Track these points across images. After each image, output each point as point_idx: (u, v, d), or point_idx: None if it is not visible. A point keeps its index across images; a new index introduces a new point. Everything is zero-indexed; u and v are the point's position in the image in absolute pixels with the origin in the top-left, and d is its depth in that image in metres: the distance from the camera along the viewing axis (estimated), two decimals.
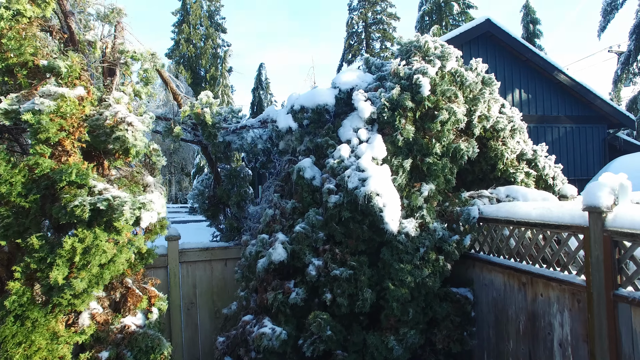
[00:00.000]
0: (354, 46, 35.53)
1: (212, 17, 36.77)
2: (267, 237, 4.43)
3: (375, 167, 4.06)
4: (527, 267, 3.78)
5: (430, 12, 27.76)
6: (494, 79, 5.24)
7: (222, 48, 37.19)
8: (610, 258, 2.98)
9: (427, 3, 28.00)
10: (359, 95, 4.37)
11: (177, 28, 35.25)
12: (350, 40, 35.76)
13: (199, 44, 35.47)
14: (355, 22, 35.25)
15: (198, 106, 4.69)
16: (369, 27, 35.39)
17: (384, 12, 34.85)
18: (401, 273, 3.93)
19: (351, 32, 35.47)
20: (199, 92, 24.25)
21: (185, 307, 4.83)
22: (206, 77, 35.13)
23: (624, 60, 15.70)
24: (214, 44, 36.33)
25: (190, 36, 34.97)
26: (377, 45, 36.01)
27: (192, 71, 35.22)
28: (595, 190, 3.01)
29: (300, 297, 4.14)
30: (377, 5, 34.90)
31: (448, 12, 27.13)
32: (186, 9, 35.33)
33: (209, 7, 36.56)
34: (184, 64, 34.95)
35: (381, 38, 35.50)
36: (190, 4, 35.13)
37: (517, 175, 5.48)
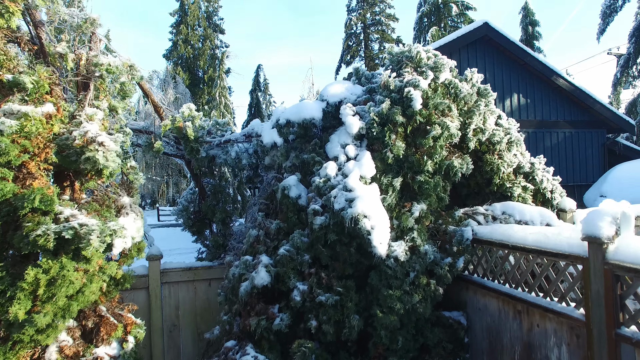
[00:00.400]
0: (353, 47, 35.30)
1: (210, 18, 36.53)
2: (251, 259, 4.23)
3: (363, 186, 3.85)
4: (522, 295, 3.57)
5: (429, 13, 27.54)
6: (489, 90, 5.03)
7: (221, 49, 36.95)
8: (611, 293, 2.77)
9: (425, 4, 27.79)
10: (347, 110, 4.16)
11: (175, 29, 35.02)
12: (349, 42, 35.52)
13: (197, 45, 35.24)
14: (353, 23, 35.01)
15: (180, 120, 4.48)
16: (367, 28, 35.15)
17: (383, 13, 34.60)
18: (390, 300, 3.72)
19: (350, 33, 35.22)
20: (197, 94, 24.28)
21: (168, 330, 4.62)
22: (204, 79, 34.91)
23: (623, 63, 15.49)
24: (212, 45, 36.09)
25: (188, 37, 34.74)
26: (376, 46, 35.75)
27: (190, 72, 35.00)
28: (596, 219, 2.81)
29: (285, 322, 3.93)
30: (376, 7, 34.66)
31: (447, 14, 26.92)
32: (184, 10, 35.10)
33: (207, 7, 36.32)
34: (181, 65, 34.73)
35: (380, 39, 35.24)
36: (188, 4, 34.90)
37: (514, 189, 5.27)
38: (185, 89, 28.87)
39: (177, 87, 28.79)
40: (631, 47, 15.18)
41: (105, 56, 3.81)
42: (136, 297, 4.50)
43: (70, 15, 3.72)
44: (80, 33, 3.77)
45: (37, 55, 3.63)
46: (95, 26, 3.81)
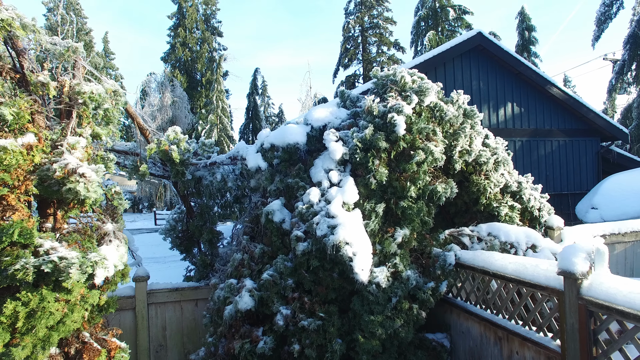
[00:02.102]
0: (351, 50, 35.32)
1: (208, 21, 36.54)
2: (235, 282, 4.25)
3: (345, 213, 3.87)
4: (503, 322, 3.60)
5: (426, 17, 27.57)
6: (476, 111, 5.05)
7: (219, 52, 36.96)
8: (585, 328, 2.80)
9: (423, 8, 27.82)
10: (330, 135, 4.18)
11: (173, 32, 35.02)
12: (347, 45, 35.54)
13: (194, 48, 35.24)
14: (351, 27, 35.02)
15: (165, 143, 4.50)
16: (365, 31, 35.15)
17: (381, 17, 34.61)
18: (371, 325, 3.74)
19: (347, 37, 35.24)
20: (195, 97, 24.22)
21: (154, 350, 4.64)
22: (202, 81, 34.92)
23: (618, 70, 15.53)
24: (210, 48, 36.10)
25: (186, 40, 34.74)
26: (374, 49, 35.78)
27: (187, 75, 35.00)
28: (571, 255, 2.83)
29: (269, 346, 3.95)
30: (374, 10, 34.68)
31: (444, 18, 26.94)
32: (182, 13, 35.11)
33: (205, 10, 36.33)
34: (179, 67, 34.73)
35: (378, 42, 35.27)
36: (186, 7, 34.91)
37: (501, 209, 5.30)
38: (183, 92, 28.88)
39: (174, 90, 28.80)
40: (626, 54, 15.21)
41: (88, 84, 3.83)
42: (123, 318, 4.52)
43: (52, 43, 3.74)
44: (63, 61, 3.79)
45: (19, 84, 3.65)
46: (78, 54, 3.83)
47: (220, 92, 26.84)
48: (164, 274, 10.72)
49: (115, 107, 4.17)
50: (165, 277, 9.29)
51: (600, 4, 14.90)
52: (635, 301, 2.44)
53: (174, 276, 9.40)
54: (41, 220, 3.58)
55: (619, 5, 14.32)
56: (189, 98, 33.47)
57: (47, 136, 3.57)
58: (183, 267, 7.29)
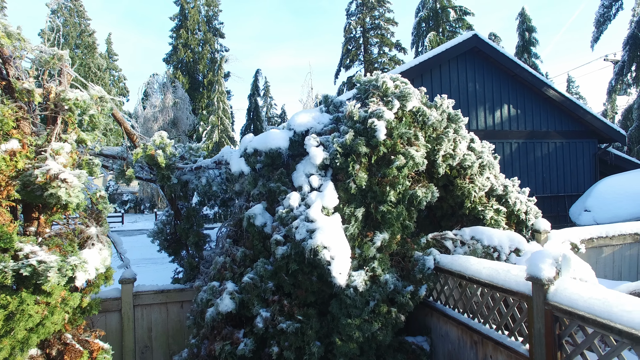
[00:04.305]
0: (352, 51, 35.36)
1: (210, 22, 36.77)
2: (218, 285, 4.32)
3: (324, 217, 3.92)
4: (478, 326, 3.64)
5: (427, 18, 27.55)
6: (460, 115, 5.09)
7: (220, 53, 37.17)
8: (551, 333, 2.83)
9: (423, 9, 27.80)
10: (311, 140, 4.23)
11: (175, 33, 35.29)
12: (348, 46, 35.58)
13: (196, 49, 35.48)
14: (353, 27, 35.07)
15: (151, 148, 4.58)
16: (367, 32, 35.18)
17: (382, 17, 34.63)
18: (348, 328, 3.79)
19: (349, 37, 35.29)
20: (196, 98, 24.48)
21: (140, 351, 4.72)
22: (204, 82, 35.14)
23: (617, 71, 15.44)
24: (212, 49, 36.33)
25: (188, 41, 34.98)
26: (375, 50, 35.80)
27: (189, 76, 35.24)
28: (538, 261, 2.87)
29: (249, 348, 4.01)
30: (375, 11, 34.68)
31: (445, 19, 26.92)
32: (184, 14, 35.35)
33: (207, 12, 36.56)
34: (181, 69, 34.98)
35: (379, 43, 35.29)
36: (188, 9, 35.15)
37: (486, 212, 5.33)
38: (184, 93, 29.08)
39: (176, 91, 29.00)
40: (625, 55, 15.13)
41: (73, 90, 3.91)
42: (109, 320, 4.61)
43: (39, 50, 3.83)
44: (48, 68, 3.88)
45: (4, 91, 3.74)
46: (63, 61, 3.91)
47: (221, 93, 26.99)
48: (161, 275, 10.84)
49: (101, 113, 4.26)
50: (162, 278, 9.39)
51: (600, 5, 14.84)
52: (594, 307, 2.48)
53: (170, 277, 9.50)
54: (25, 224, 3.67)
55: (618, 7, 14.25)
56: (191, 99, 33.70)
57: (32, 142, 3.66)
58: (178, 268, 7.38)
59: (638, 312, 2.26)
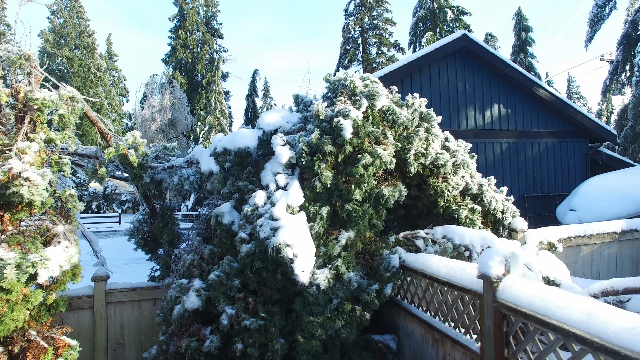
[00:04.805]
0: (350, 51, 35.37)
1: (208, 23, 36.88)
2: (186, 282, 4.36)
3: (288, 216, 3.96)
4: (438, 324, 3.66)
5: (424, 18, 27.52)
6: (433, 114, 5.11)
7: (219, 53, 37.27)
8: (499, 330, 2.85)
9: (421, 9, 27.77)
10: (277, 139, 4.27)
11: (174, 34, 35.41)
12: (347, 46, 35.60)
13: (195, 50, 35.59)
14: (351, 28, 35.09)
15: (124, 147, 4.63)
16: (365, 32, 35.18)
17: (380, 18, 34.62)
18: (311, 326, 3.82)
19: (347, 38, 35.30)
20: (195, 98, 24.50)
21: (112, 348, 4.77)
22: (202, 83, 35.24)
23: (612, 71, 15.38)
24: (211, 50, 36.43)
25: (187, 42, 35.10)
26: (374, 50, 35.81)
27: (188, 77, 35.35)
28: (487, 258, 2.89)
29: (215, 344, 4.05)
30: (374, 11, 34.69)
31: (442, 18, 26.87)
32: (183, 15, 35.47)
33: (205, 12, 36.68)
34: (180, 69, 35.09)
35: (378, 43, 35.29)
36: (187, 9, 35.26)
37: (461, 211, 5.34)
38: (182, 94, 29.14)
39: (174, 92, 29.08)
40: (619, 55, 15.07)
41: (42, 90, 3.97)
42: (81, 317, 4.66)
43: (6, 51, 3.88)
44: (16, 68, 3.93)
45: None
46: (32, 61, 3.97)
47: (218, 93, 27.07)
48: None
49: (71, 113, 4.31)
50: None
51: (593, 5, 14.79)
52: (534, 304, 2.50)
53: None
54: None
55: (611, 7, 14.19)
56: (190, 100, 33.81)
57: None
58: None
59: (570, 307, 2.27)
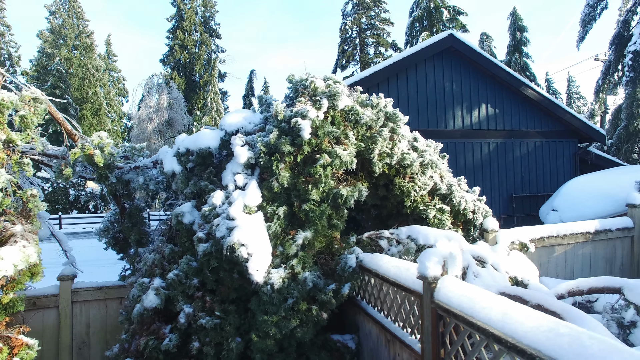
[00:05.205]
0: (348, 52, 35.39)
1: (206, 23, 36.99)
2: (147, 281, 4.38)
3: (244, 215, 3.98)
4: (388, 324, 3.67)
5: (420, 18, 27.48)
6: (398, 114, 5.11)
7: (217, 54, 37.38)
8: (436, 330, 2.86)
9: (417, 9, 27.74)
10: (236, 140, 4.29)
11: (172, 34, 35.55)
12: (344, 46, 35.61)
13: (193, 50, 35.71)
14: (349, 28, 35.10)
15: (90, 148, 4.66)
16: (363, 32, 35.19)
17: (378, 18, 34.63)
18: (265, 325, 3.84)
19: (345, 38, 35.31)
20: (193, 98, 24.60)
21: (77, 347, 4.81)
22: (200, 83, 35.34)
23: (604, 70, 15.30)
24: (209, 50, 36.54)
25: (185, 42, 35.23)
26: (372, 50, 35.82)
27: (186, 77, 35.48)
28: (425, 259, 2.90)
29: (174, 343, 4.08)
30: (371, 11, 34.69)
31: (438, 18, 26.82)
32: (181, 15, 35.60)
33: (203, 13, 36.79)
34: (178, 70, 35.23)
35: (375, 43, 35.29)
36: (185, 10, 35.39)
37: (429, 211, 5.35)
38: (179, 94, 29.27)
39: (171, 92, 29.19)
40: (612, 55, 14.99)
41: (1, 92, 4.01)
42: (46, 317, 4.70)
43: None
44: None
45: None
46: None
47: (215, 93, 27.15)
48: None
49: (34, 114, 4.35)
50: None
51: (585, 5, 14.72)
52: (463, 304, 2.51)
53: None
54: None
55: (602, 7, 14.12)
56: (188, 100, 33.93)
57: None
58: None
59: (490, 308, 2.28)
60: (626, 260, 6.63)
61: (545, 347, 1.88)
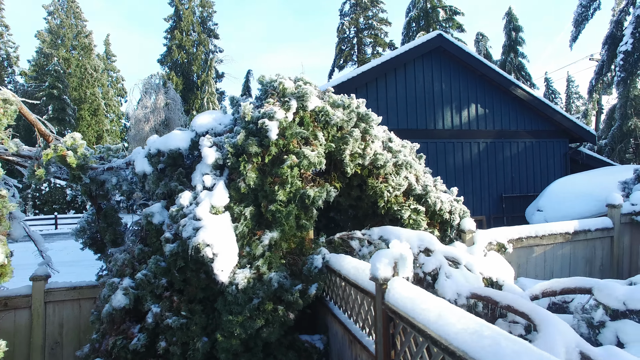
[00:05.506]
0: (345, 51, 35.38)
1: (204, 23, 37.02)
2: (118, 281, 4.41)
3: (210, 216, 4.00)
4: (350, 325, 3.68)
5: (417, 18, 27.45)
6: (371, 115, 5.11)
7: (215, 54, 37.42)
8: (387, 331, 2.87)
9: (414, 9, 27.70)
10: (205, 141, 4.31)
11: (170, 34, 35.58)
12: (342, 46, 35.59)
13: (191, 50, 35.74)
14: (346, 28, 35.09)
15: (62, 149, 4.69)
16: (360, 32, 35.16)
17: (375, 18, 34.60)
18: (230, 325, 3.85)
19: (342, 38, 35.30)
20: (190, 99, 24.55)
21: (49, 347, 4.84)
22: (197, 83, 35.38)
23: (597, 70, 15.26)
24: (206, 50, 36.57)
25: (182, 42, 35.26)
26: (369, 50, 35.80)
27: (184, 77, 35.50)
28: (376, 260, 2.91)
29: (142, 342, 4.10)
30: (369, 11, 34.66)
31: (435, 18, 26.78)
32: (178, 15, 35.63)
33: (201, 13, 36.82)
34: (175, 70, 35.26)
35: (373, 43, 35.27)
36: (183, 10, 35.42)
37: (403, 212, 5.36)
38: (176, 94, 29.30)
39: (168, 92, 29.23)
40: (605, 55, 14.94)
41: None
42: (18, 317, 4.73)
43: None
44: None
45: None
46: None
47: (211, 94, 27.19)
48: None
49: (4, 115, 4.38)
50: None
51: (578, 5, 14.68)
52: (407, 306, 2.52)
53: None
54: None
55: (595, 7, 14.07)
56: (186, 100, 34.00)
57: None
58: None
59: (428, 310, 2.29)
60: (606, 260, 6.62)
61: (471, 349, 1.89)
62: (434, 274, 4.80)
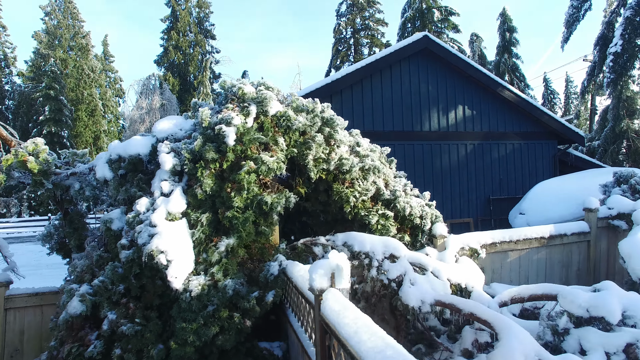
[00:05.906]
0: (342, 52, 35.32)
1: (201, 24, 37.06)
2: (77, 287, 4.39)
3: (166, 222, 3.97)
4: (301, 334, 3.65)
5: (412, 18, 27.37)
6: (336, 119, 5.07)
7: (212, 55, 37.46)
8: (323, 343, 2.84)
9: (409, 10, 27.64)
10: (162, 147, 4.28)
11: (166, 35, 35.63)
12: (338, 46, 35.54)
13: (187, 51, 35.77)
14: (343, 28, 35.03)
15: (24, 154, 4.68)
16: (357, 33, 35.09)
17: (372, 18, 34.53)
18: (183, 332, 3.83)
19: (339, 38, 35.24)
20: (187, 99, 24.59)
21: (9, 355, 4.82)
22: (194, 84, 35.40)
23: (589, 72, 15.16)
24: (203, 51, 36.60)
25: (179, 43, 35.30)
26: (366, 51, 35.72)
27: (180, 78, 35.55)
28: (312, 271, 2.87)
29: (98, 350, 4.08)
30: (365, 11, 34.59)
31: (430, 19, 26.70)
32: (175, 16, 35.68)
33: (198, 14, 36.85)
34: (172, 70, 35.30)
35: (369, 44, 35.20)
36: (179, 11, 35.46)
37: (371, 217, 5.32)
38: (172, 95, 29.32)
39: (163, 93, 29.26)
40: (596, 56, 14.85)
41: None
42: None
43: None
44: None
45: None
46: None
47: (206, 95, 27.21)
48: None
49: None
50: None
51: (569, 6, 14.58)
52: (331, 318, 2.49)
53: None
54: None
55: (586, 8, 13.98)
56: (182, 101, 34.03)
57: None
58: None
59: (349, 325, 2.26)
60: (583, 265, 6.56)
61: None
62: (398, 281, 4.76)
